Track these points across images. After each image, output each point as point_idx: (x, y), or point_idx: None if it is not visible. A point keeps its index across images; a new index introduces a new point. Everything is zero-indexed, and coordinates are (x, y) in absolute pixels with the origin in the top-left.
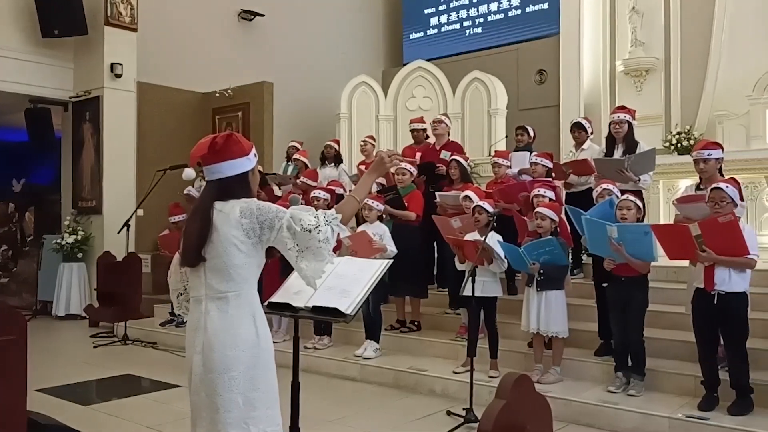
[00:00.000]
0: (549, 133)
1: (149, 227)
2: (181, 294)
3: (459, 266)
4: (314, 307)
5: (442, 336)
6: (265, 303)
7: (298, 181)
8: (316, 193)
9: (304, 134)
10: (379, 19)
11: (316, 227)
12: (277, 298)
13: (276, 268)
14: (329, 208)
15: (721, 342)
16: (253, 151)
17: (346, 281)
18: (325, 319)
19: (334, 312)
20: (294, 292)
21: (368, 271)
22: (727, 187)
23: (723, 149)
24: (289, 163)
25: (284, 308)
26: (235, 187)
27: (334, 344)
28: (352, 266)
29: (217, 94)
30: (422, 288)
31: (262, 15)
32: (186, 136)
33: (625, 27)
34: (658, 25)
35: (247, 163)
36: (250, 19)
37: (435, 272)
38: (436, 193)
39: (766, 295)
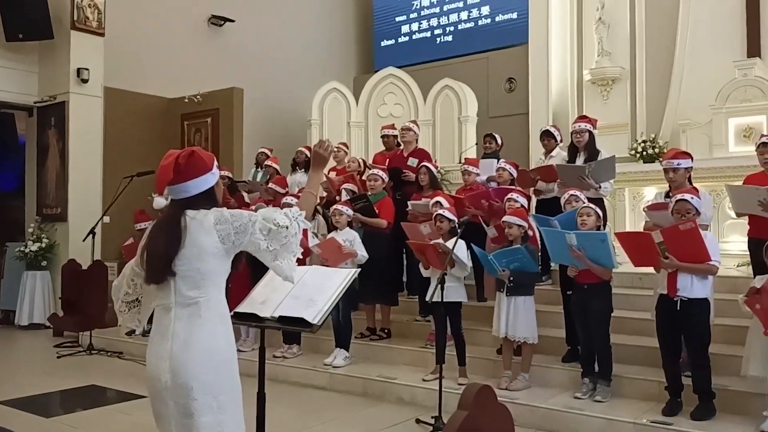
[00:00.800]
0: (519, 140)
1: (115, 234)
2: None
3: (424, 272)
4: (280, 317)
5: (412, 343)
6: (231, 313)
7: (268, 187)
8: (287, 199)
9: (274, 140)
10: (350, 25)
11: (290, 223)
12: (243, 308)
13: (246, 276)
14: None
15: (685, 347)
16: (215, 163)
17: (312, 290)
18: (291, 329)
19: (301, 322)
20: (260, 302)
21: (335, 280)
22: (692, 198)
23: (692, 159)
24: (259, 169)
25: (250, 318)
26: (202, 203)
27: (303, 353)
28: (318, 275)
29: (186, 100)
30: (392, 295)
31: (232, 20)
32: (154, 142)
33: (591, 37)
34: (624, 36)
35: (212, 178)
36: (221, 25)
37: (405, 279)
38: (408, 202)
39: (729, 302)
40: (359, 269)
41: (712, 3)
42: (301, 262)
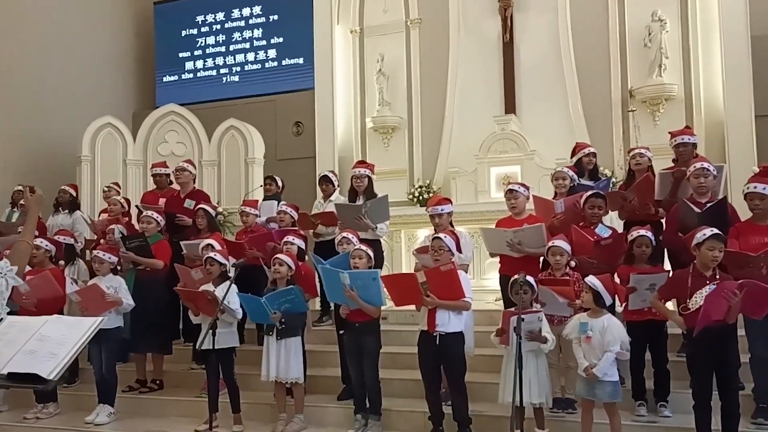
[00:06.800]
0: (307, 183)
1: None
2: None
3: (194, 319)
4: (9, 374)
5: (187, 393)
6: None
7: None
8: (37, 241)
9: (37, 178)
10: (130, 57)
11: None
12: None
13: None
14: (52, 259)
15: (444, 378)
16: None
17: (51, 344)
18: (22, 387)
19: (34, 378)
20: None
21: (78, 331)
22: (445, 237)
23: (452, 203)
24: (14, 209)
25: None
26: None
27: (61, 411)
28: (59, 326)
29: None
30: (166, 343)
31: None
32: None
33: (373, 87)
34: (402, 88)
35: None
36: None
37: (181, 326)
38: (181, 243)
39: (487, 333)
40: (104, 318)
41: (477, 63)
42: (57, 310)
